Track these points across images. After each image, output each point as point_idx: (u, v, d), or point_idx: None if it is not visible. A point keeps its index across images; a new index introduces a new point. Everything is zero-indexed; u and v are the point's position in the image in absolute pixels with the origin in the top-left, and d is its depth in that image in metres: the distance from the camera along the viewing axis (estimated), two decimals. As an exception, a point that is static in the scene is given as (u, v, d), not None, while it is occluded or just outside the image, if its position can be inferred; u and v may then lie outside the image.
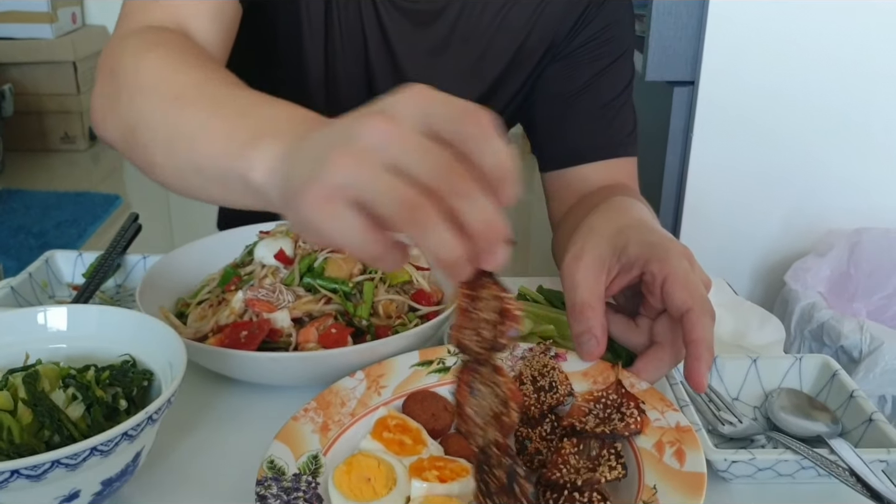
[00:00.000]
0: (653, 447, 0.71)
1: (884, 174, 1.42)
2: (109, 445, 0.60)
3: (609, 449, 0.71)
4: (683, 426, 0.72)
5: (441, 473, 0.71)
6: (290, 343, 0.88)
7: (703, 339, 0.74)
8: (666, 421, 0.73)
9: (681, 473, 0.67)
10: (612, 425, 0.72)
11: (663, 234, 0.82)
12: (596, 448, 0.71)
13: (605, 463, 0.69)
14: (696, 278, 0.77)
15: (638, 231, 0.82)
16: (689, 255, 0.79)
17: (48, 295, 1.05)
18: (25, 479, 0.57)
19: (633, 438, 0.72)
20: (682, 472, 0.67)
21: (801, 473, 0.74)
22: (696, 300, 0.75)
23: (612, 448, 0.71)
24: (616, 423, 0.73)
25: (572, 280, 0.81)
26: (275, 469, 0.69)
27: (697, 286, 0.76)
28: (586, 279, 0.80)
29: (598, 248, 0.81)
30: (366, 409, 0.79)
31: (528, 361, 0.82)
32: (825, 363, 0.86)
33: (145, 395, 0.73)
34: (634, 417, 0.72)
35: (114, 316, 0.77)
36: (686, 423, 0.72)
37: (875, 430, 0.77)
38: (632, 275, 0.80)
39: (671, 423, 0.73)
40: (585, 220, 0.87)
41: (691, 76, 1.43)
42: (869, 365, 1.14)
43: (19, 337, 0.75)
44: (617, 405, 0.74)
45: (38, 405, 0.66)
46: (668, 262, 0.77)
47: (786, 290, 1.28)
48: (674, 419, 0.73)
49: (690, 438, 0.70)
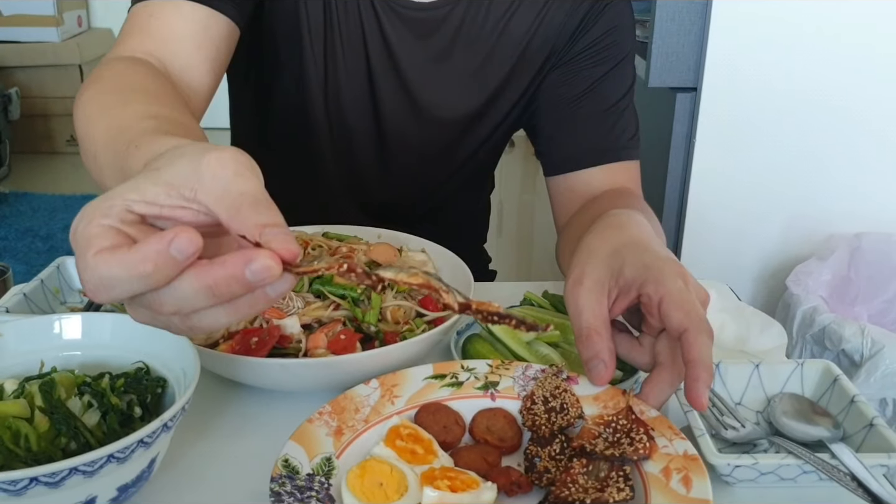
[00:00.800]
0: (660, 472, 0.72)
1: (884, 180, 1.43)
2: (126, 452, 0.62)
3: (618, 471, 0.72)
4: (691, 454, 0.73)
5: (452, 483, 0.72)
6: (299, 349, 0.89)
7: (701, 360, 0.74)
8: (674, 448, 0.74)
9: (687, 499, 0.68)
10: (621, 449, 0.73)
11: (657, 252, 0.83)
12: (605, 470, 0.72)
13: (613, 484, 0.70)
14: (692, 297, 0.77)
15: (633, 252, 0.83)
16: (683, 274, 0.79)
17: (60, 301, 1.07)
18: (44, 486, 0.59)
19: (641, 463, 0.73)
20: (689, 497, 0.68)
21: (803, 478, 0.75)
22: (693, 320, 0.76)
23: (621, 471, 0.72)
24: (625, 447, 0.73)
25: (576, 305, 0.82)
26: (289, 468, 0.70)
27: (693, 305, 0.77)
28: (589, 304, 0.81)
29: (596, 272, 0.82)
30: (379, 417, 0.80)
31: (541, 382, 0.83)
32: (826, 368, 0.87)
33: (159, 401, 0.74)
34: (643, 443, 0.73)
35: (127, 323, 0.78)
36: (693, 451, 0.73)
37: (876, 434, 0.78)
38: (630, 297, 0.81)
39: (679, 451, 0.73)
40: (583, 240, 0.88)
41: (694, 82, 1.44)
42: (870, 368, 1.15)
43: (35, 345, 0.77)
44: (626, 430, 0.75)
45: (55, 413, 0.68)
46: (663, 284, 0.78)
47: (787, 295, 1.29)
48: (682, 447, 0.74)
49: (697, 467, 0.71)
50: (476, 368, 0.86)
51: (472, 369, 0.86)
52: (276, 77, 1.22)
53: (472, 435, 0.81)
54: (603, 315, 0.81)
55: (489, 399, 0.84)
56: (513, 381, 0.85)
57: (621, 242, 0.85)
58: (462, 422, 0.82)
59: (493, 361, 0.87)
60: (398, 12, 1.13)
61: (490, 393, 0.84)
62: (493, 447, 0.79)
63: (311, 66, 1.17)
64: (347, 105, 1.22)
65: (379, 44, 1.16)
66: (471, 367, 0.86)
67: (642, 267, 0.80)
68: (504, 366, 0.87)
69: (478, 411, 0.83)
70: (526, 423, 0.81)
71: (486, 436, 0.80)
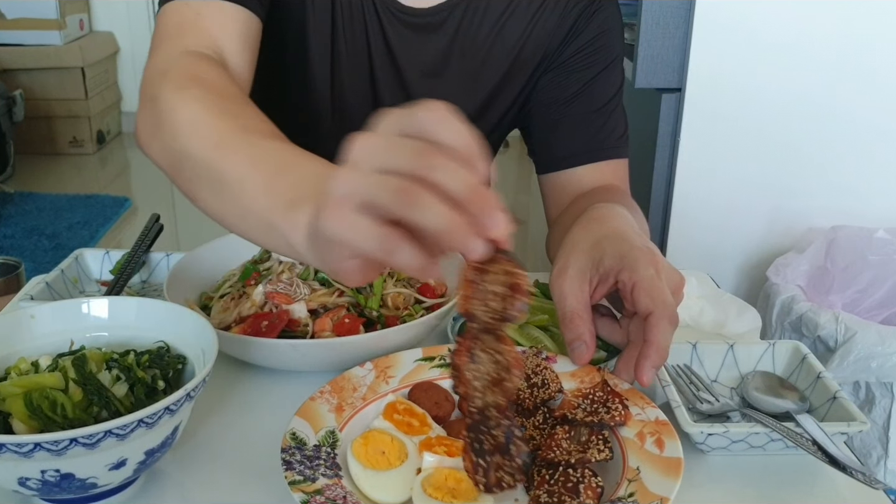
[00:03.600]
0: (635, 436, 0.79)
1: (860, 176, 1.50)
2: (154, 418, 0.68)
3: (597, 436, 0.79)
4: (662, 420, 0.80)
5: (448, 450, 0.79)
6: (307, 332, 0.95)
7: (656, 341, 0.82)
8: (646, 416, 0.81)
9: (661, 458, 0.76)
10: (599, 416, 0.81)
11: (634, 243, 0.89)
12: (585, 434, 0.79)
13: (594, 447, 0.77)
14: (662, 285, 0.84)
15: (612, 242, 0.90)
16: (655, 263, 0.86)
17: (79, 290, 1.13)
18: (82, 446, 0.65)
19: (618, 429, 0.81)
20: (662, 457, 0.76)
21: (770, 445, 0.82)
22: (658, 305, 0.83)
23: (600, 435, 0.79)
24: (603, 415, 0.81)
25: (560, 292, 0.89)
26: (297, 440, 0.77)
27: (661, 292, 0.84)
28: (572, 290, 0.89)
29: (579, 262, 0.90)
30: (376, 395, 0.87)
31: (523, 361, 0.90)
32: (796, 348, 0.94)
33: (179, 377, 0.81)
34: (619, 411, 0.81)
35: (152, 306, 0.85)
36: (664, 418, 0.81)
37: (838, 406, 0.84)
38: (609, 283, 0.89)
39: (651, 418, 0.81)
40: (568, 234, 0.96)
41: (678, 83, 1.50)
42: (843, 353, 1.22)
43: (65, 326, 0.83)
44: (603, 401, 0.83)
45: (88, 384, 0.74)
46: (636, 271, 0.85)
47: (768, 285, 1.36)
48: (653, 414, 0.81)
49: (668, 431, 0.79)
50: (462, 351, 0.93)
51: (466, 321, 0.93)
52: (282, 77, 1.26)
53: (461, 410, 0.88)
54: (584, 300, 0.89)
55: None
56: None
57: (602, 234, 0.92)
58: (451, 398, 0.88)
59: (479, 344, 0.94)
60: (398, 17, 1.19)
61: None
62: None
63: (317, 67, 1.21)
64: (351, 107, 1.26)
65: (381, 47, 1.20)
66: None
67: (619, 256, 0.87)
68: (489, 348, 0.93)
69: None
70: None
71: None
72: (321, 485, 0.72)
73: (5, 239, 3.55)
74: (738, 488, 0.80)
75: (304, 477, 0.73)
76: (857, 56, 1.46)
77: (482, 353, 0.67)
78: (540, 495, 0.73)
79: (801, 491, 0.80)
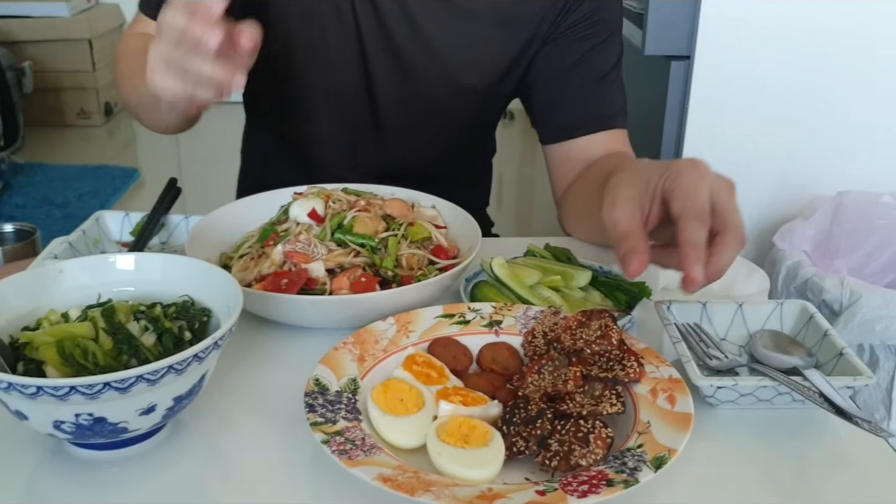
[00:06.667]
0: (648, 392, 0.81)
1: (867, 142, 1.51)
2: (183, 365, 0.70)
3: (610, 391, 0.81)
4: (675, 378, 0.83)
5: (464, 399, 0.81)
6: (325, 290, 0.98)
7: (688, 240, 0.82)
8: (660, 373, 0.84)
9: (671, 413, 0.78)
10: (613, 373, 0.83)
11: (675, 161, 0.90)
12: (599, 389, 0.82)
13: (606, 401, 0.80)
14: (701, 187, 0.84)
15: (653, 166, 0.91)
16: (698, 168, 0.87)
17: (100, 250, 1.15)
18: (114, 390, 0.67)
19: (631, 386, 0.83)
20: (673, 412, 0.78)
21: (778, 399, 0.84)
22: (688, 208, 0.83)
23: (613, 390, 0.81)
24: (617, 371, 0.83)
25: (612, 220, 0.89)
26: (320, 385, 0.80)
27: (696, 196, 0.84)
28: (623, 216, 0.88)
29: (626, 193, 0.90)
30: (396, 348, 0.89)
31: (541, 320, 0.93)
32: (803, 308, 0.96)
33: (204, 329, 0.83)
34: (634, 368, 0.83)
35: (177, 262, 0.87)
36: (677, 375, 0.83)
37: (845, 362, 0.86)
38: (659, 201, 0.88)
39: (664, 376, 0.83)
40: (608, 184, 0.95)
41: (687, 50, 1.51)
42: (848, 317, 1.24)
43: (92, 280, 0.86)
44: (619, 359, 0.85)
45: (118, 334, 0.77)
46: (678, 178, 0.86)
47: (774, 251, 1.37)
48: (667, 372, 0.84)
49: (681, 388, 0.81)
50: (481, 309, 0.96)
51: (478, 310, 0.96)
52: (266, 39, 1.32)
53: (478, 365, 0.91)
54: (637, 223, 0.88)
55: (493, 335, 0.93)
56: (515, 320, 0.94)
57: (643, 165, 0.94)
58: (469, 354, 0.91)
59: (497, 304, 0.97)
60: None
61: (494, 330, 0.93)
62: (498, 374, 0.89)
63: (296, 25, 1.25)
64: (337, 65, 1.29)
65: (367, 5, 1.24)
66: (476, 308, 0.96)
67: (662, 170, 0.88)
68: (507, 307, 0.96)
69: (484, 345, 0.92)
70: (528, 353, 0.90)
71: (491, 365, 0.90)
72: (341, 426, 0.75)
73: (17, 208, 3.58)
74: (746, 441, 0.83)
75: (326, 419, 0.75)
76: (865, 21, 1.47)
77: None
78: (551, 444, 0.75)
79: (808, 443, 0.82)
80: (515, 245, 1.17)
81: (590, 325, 0.88)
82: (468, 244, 1.08)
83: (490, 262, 1.03)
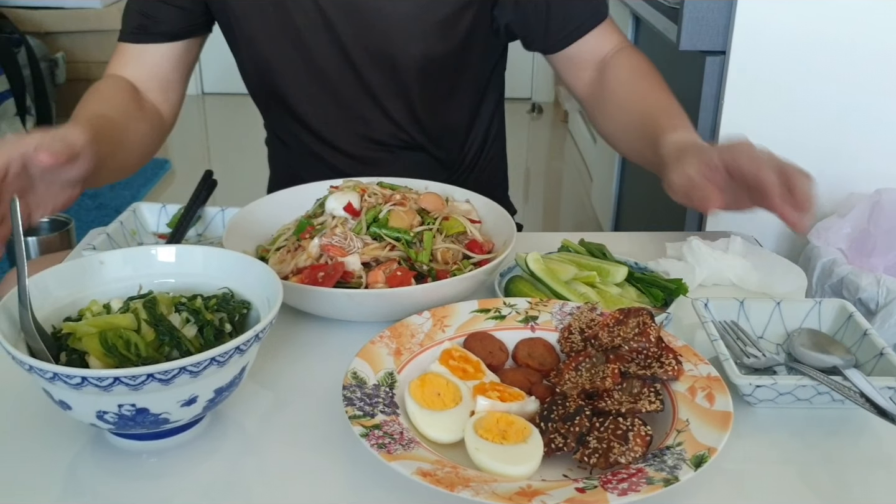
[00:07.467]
0: (686, 391, 0.81)
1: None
2: (225, 357, 0.71)
3: (649, 388, 0.81)
4: (714, 376, 0.82)
5: (501, 395, 0.81)
6: (361, 283, 0.98)
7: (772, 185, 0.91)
8: (699, 371, 0.83)
9: (710, 411, 0.78)
10: (651, 371, 0.83)
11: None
12: (637, 386, 0.82)
13: (645, 398, 0.80)
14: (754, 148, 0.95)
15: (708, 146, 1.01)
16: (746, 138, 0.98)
17: (137, 242, 1.16)
18: (157, 382, 0.68)
19: (669, 383, 0.83)
20: (712, 410, 0.78)
21: (817, 398, 0.84)
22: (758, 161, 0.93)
23: (652, 387, 0.81)
24: (656, 369, 0.83)
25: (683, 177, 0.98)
26: (357, 379, 0.80)
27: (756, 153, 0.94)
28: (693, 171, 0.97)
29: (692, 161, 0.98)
30: (432, 342, 0.90)
31: (577, 316, 0.93)
32: (842, 306, 0.95)
33: (244, 322, 0.84)
34: (672, 366, 0.83)
35: (218, 255, 0.88)
36: (716, 374, 0.82)
37: (885, 362, 0.86)
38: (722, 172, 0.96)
39: (703, 374, 0.83)
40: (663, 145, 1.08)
41: (723, 46, 1.50)
42: (885, 316, 1.22)
43: (133, 272, 0.87)
44: (657, 356, 0.84)
45: (159, 325, 0.77)
46: (731, 150, 0.96)
47: (809, 248, 1.36)
48: (706, 370, 0.83)
49: (720, 386, 0.81)
50: (517, 305, 0.96)
51: (514, 305, 0.96)
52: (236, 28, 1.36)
53: (514, 360, 0.91)
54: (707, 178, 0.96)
55: (529, 331, 0.93)
56: (551, 315, 0.94)
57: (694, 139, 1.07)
58: (505, 349, 0.91)
59: (533, 299, 0.97)
60: None
61: (530, 325, 0.93)
62: (534, 370, 0.89)
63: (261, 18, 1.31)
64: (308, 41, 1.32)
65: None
66: (512, 304, 0.96)
67: (718, 147, 0.98)
68: (542, 303, 0.96)
69: (519, 340, 0.92)
70: (564, 349, 0.90)
71: (527, 361, 0.90)
72: (379, 420, 0.75)
73: (49, 198, 3.58)
74: (784, 440, 0.82)
75: (364, 413, 0.76)
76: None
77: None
78: (589, 441, 0.75)
79: (846, 443, 0.82)
80: (550, 240, 1.17)
81: (627, 322, 0.88)
82: (503, 239, 1.08)
83: (525, 257, 1.03)
